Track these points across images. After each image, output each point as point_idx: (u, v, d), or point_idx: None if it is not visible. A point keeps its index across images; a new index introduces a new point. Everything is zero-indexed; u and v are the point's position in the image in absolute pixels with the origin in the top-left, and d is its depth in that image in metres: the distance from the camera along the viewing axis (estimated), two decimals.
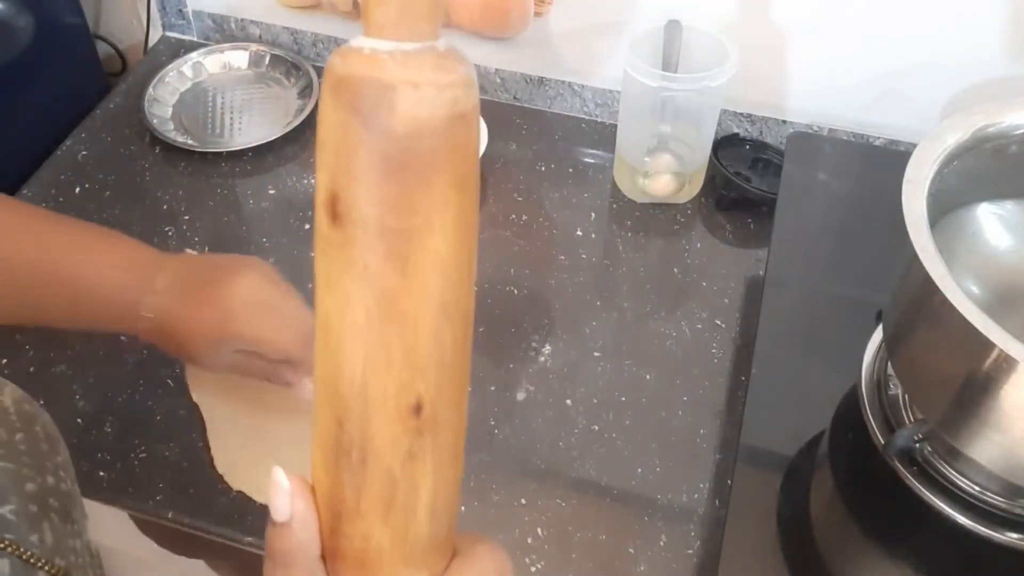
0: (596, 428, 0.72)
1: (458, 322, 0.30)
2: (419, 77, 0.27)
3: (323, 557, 0.31)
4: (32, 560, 0.36)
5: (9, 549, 0.35)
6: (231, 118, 0.96)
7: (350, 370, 0.29)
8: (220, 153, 0.92)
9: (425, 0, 0.27)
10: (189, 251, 0.69)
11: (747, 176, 0.88)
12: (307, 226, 0.86)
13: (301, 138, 0.94)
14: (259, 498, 0.66)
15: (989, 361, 0.49)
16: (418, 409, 0.29)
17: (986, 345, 0.48)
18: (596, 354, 0.77)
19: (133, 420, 0.71)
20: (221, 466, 0.68)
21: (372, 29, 0.27)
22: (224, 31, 1.05)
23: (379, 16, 0.27)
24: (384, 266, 0.28)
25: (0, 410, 0.41)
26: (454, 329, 0.29)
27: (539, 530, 0.66)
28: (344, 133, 0.27)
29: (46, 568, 0.37)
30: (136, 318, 0.57)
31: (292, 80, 1.00)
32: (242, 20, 1.03)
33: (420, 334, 0.29)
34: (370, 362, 0.28)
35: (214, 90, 0.99)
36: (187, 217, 0.87)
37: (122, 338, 0.77)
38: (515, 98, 0.98)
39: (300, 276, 0.81)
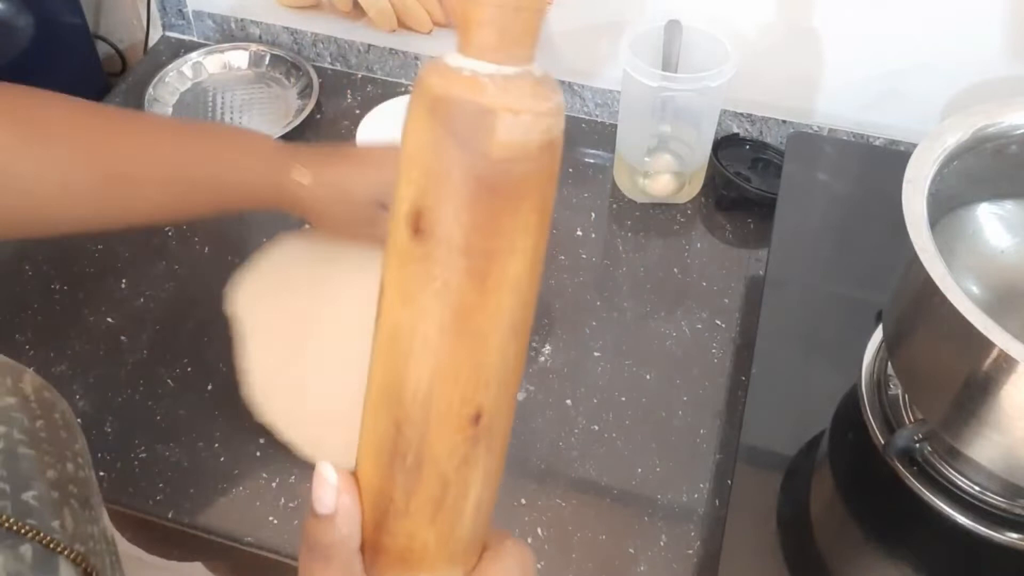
0: (596, 428, 0.72)
1: (522, 339, 0.31)
2: (518, 104, 0.27)
3: (361, 550, 0.31)
4: (53, 546, 0.37)
5: (30, 535, 0.36)
6: (231, 118, 0.96)
7: (415, 379, 0.29)
8: None
9: (526, 25, 0.27)
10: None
11: (747, 176, 0.88)
12: (307, 226, 0.86)
13: (301, 138, 0.94)
14: (286, 435, 0.64)
15: (989, 361, 0.49)
16: (477, 419, 0.30)
17: (986, 345, 0.48)
18: (596, 354, 0.77)
19: (133, 420, 0.71)
20: (253, 391, 0.65)
21: (471, 50, 0.27)
22: (224, 31, 1.05)
23: (480, 38, 0.27)
24: (464, 283, 0.28)
25: (21, 397, 0.41)
26: (518, 346, 0.30)
27: (539, 530, 0.66)
28: (437, 152, 0.27)
29: (66, 553, 0.37)
30: (284, 193, 0.62)
31: (292, 80, 1.00)
32: (242, 20, 1.03)
33: (489, 350, 0.29)
34: (438, 374, 0.29)
35: (214, 90, 0.99)
36: None
37: (122, 338, 0.77)
38: None
39: None
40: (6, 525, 0.35)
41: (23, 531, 0.36)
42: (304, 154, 0.63)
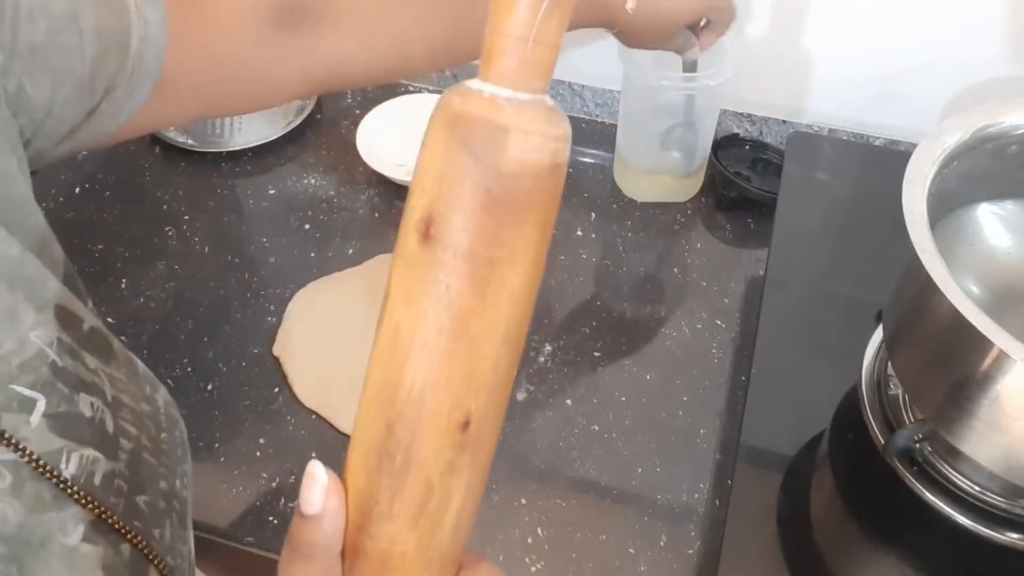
0: (596, 428, 0.72)
1: (513, 351, 0.32)
2: (531, 126, 0.30)
3: (342, 553, 0.32)
4: (147, 552, 0.38)
5: (133, 538, 0.37)
6: (231, 118, 0.96)
7: (411, 380, 0.31)
8: (220, 153, 0.92)
9: (542, 58, 0.30)
10: None
11: (747, 176, 0.88)
12: (307, 226, 0.86)
13: (301, 138, 0.94)
14: (337, 423, 0.71)
15: (989, 361, 0.49)
16: (466, 425, 0.31)
17: (986, 345, 0.48)
18: (596, 354, 0.77)
19: None
20: (294, 378, 0.74)
21: (492, 76, 0.30)
22: None
23: (501, 65, 0.30)
24: (465, 289, 0.30)
25: (153, 409, 0.42)
26: (509, 357, 0.32)
27: (539, 530, 0.66)
28: (452, 164, 0.30)
29: (157, 563, 0.38)
30: (608, 15, 0.67)
31: None
32: None
33: (482, 357, 0.31)
34: (432, 376, 0.31)
35: None
36: (187, 217, 0.87)
37: (122, 338, 0.77)
38: None
39: (301, 277, 0.81)
40: (113, 523, 0.36)
41: (127, 532, 0.37)
42: None
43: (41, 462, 0.34)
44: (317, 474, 0.31)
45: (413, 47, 0.58)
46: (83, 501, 0.35)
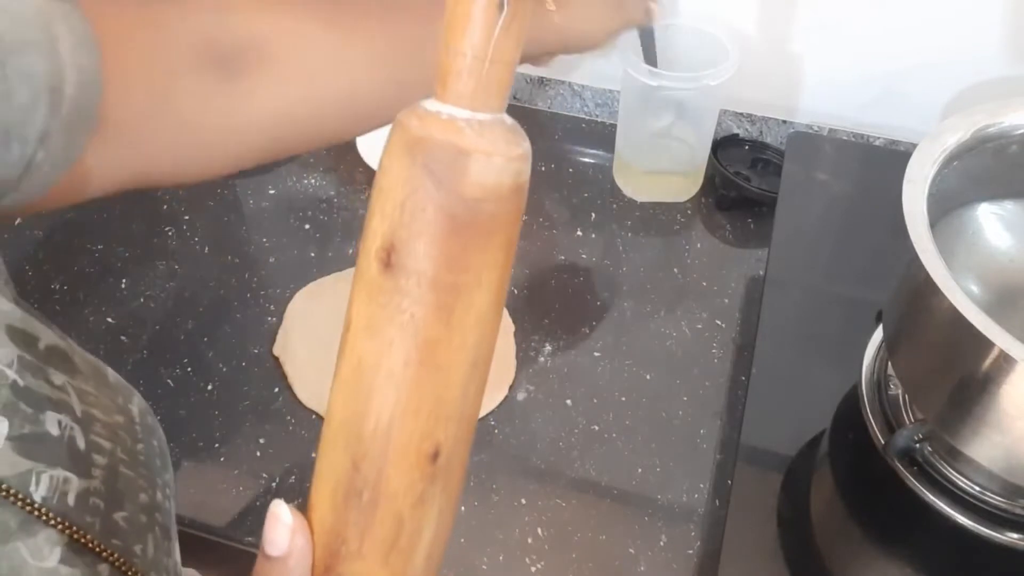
0: (596, 428, 0.72)
1: (482, 375, 0.31)
2: (491, 147, 0.29)
3: None
4: (128, 570, 0.37)
5: (106, 555, 0.36)
6: None
7: (377, 413, 0.30)
8: None
9: (499, 76, 0.29)
10: None
11: (747, 176, 0.88)
12: (307, 226, 0.86)
13: None
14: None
15: (989, 361, 0.49)
16: (435, 456, 0.30)
17: (986, 345, 0.48)
18: (596, 354, 0.77)
19: None
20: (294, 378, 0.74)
21: (449, 97, 0.29)
22: None
23: (458, 86, 0.29)
24: (431, 317, 0.29)
25: (127, 419, 0.41)
26: (478, 381, 0.31)
27: (539, 530, 0.66)
28: (413, 189, 0.29)
29: None
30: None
31: None
32: None
33: (451, 385, 0.30)
34: (399, 407, 0.30)
35: None
36: (187, 217, 0.87)
37: (122, 338, 0.77)
38: (515, 98, 0.97)
39: (301, 277, 0.81)
40: (86, 543, 0.35)
41: (104, 552, 0.36)
42: None
43: (4, 486, 0.32)
44: (281, 514, 0.31)
45: (361, 101, 0.55)
46: (55, 523, 0.34)
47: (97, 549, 0.35)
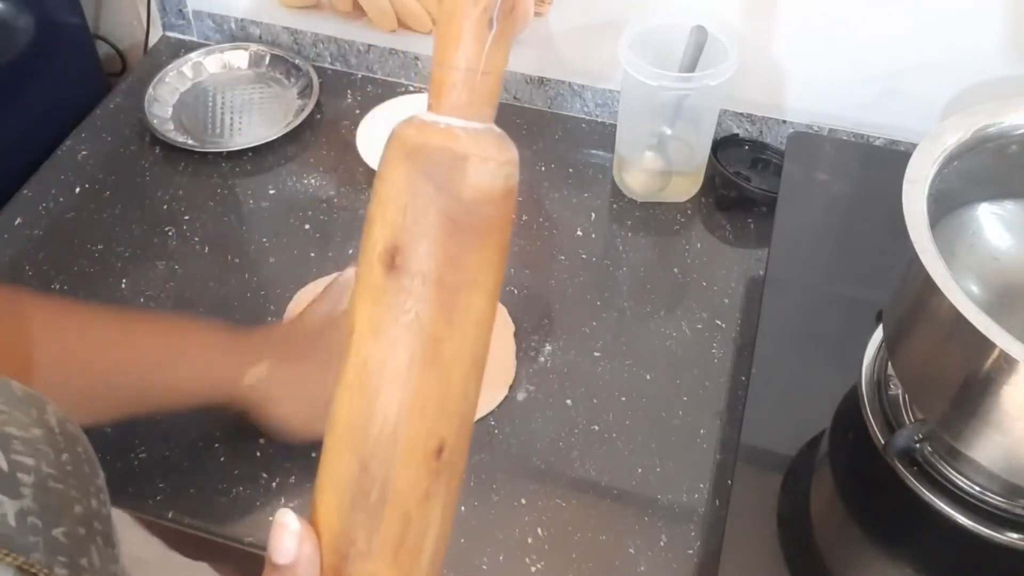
0: (596, 428, 0.72)
1: (480, 372, 0.33)
2: (487, 153, 0.31)
3: None
4: None
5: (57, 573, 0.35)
6: (231, 118, 0.96)
7: (383, 413, 0.31)
8: (220, 153, 0.92)
9: (491, 88, 0.31)
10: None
11: (747, 176, 0.88)
12: (307, 226, 0.86)
13: (301, 138, 0.94)
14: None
15: (989, 361, 0.49)
16: (440, 452, 0.31)
17: (986, 345, 0.48)
18: (596, 354, 0.77)
19: (133, 420, 0.71)
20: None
21: (444, 108, 0.31)
22: (224, 31, 1.05)
23: (452, 98, 0.31)
24: (435, 316, 0.31)
25: (46, 429, 0.40)
26: (477, 378, 0.33)
27: (539, 530, 0.66)
28: (415, 193, 0.31)
29: None
30: (232, 398, 0.63)
31: (292, 80, 1.00)
32: (242, 20, 1.03)
33: (454, 382, 0.31)
34: (406, 406, 0.31)
35: (214, 90, 0.99)
36: (187, 217, 0.87)
37: None
38: (515, 98, 0.97)
39: (301, 277, 0.81)
40: (31, 570, 0.34)
41: (48, 572, 0.35)
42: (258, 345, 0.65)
43: None
44: (288, 522, 0.31)
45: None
46: (3, 555, 0.33)
47: (41, 573, 0.35)
